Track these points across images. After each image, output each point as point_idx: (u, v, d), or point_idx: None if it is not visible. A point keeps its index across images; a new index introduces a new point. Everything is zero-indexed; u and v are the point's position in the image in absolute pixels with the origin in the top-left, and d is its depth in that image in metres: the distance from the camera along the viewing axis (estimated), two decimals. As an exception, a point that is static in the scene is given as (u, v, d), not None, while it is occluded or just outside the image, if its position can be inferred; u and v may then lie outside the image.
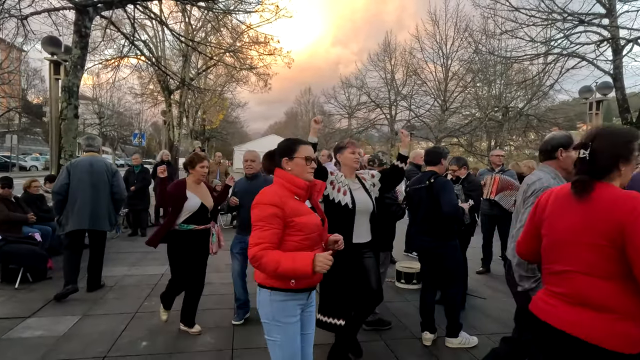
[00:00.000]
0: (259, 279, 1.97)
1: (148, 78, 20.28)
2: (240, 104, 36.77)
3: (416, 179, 3.64)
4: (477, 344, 3.44)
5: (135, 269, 5.61)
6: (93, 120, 37.52)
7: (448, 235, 3.40)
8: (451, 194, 3.31)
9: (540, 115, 21.74)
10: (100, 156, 5.03)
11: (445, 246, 3.40)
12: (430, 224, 3.40)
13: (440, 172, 3.50)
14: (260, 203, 1.92)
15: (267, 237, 1.85)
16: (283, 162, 2.05)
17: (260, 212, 1.90)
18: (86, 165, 4.63)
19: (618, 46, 11.27)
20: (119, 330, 3.61)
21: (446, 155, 3.51)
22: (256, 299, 2.02)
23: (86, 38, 8.14)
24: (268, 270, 1.82)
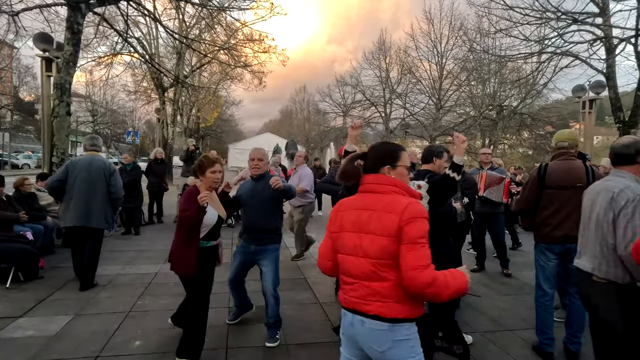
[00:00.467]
0: (402, 313, 1.65)
1: (141, 75, 20.19)
2: (234, 102, 36.74)
3: (411, 177, 3.63)
4: (472, 342, 3.44)
5: (128, 268, 5.56)
6: (86, 118, 37.22)
7: (442, 234, 3.38)
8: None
9: (534, 114, 21.86)
10: (101, 156, 5.13)
11: (440, 245, 3.37)
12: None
13: (435, 170, 3.46)
14: (421, 216, 1.67)
15: (430, 255, 1.63)
16: (384, 170, 1.81)
17: (423, 227, 1.65)
18: (85, 164, 4.76)
19: (611, 45, 11.33)
20: (112, 330, 3.58)
21: (440, 154, 3.46)
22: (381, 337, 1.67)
23: (78, 35, 8.05)
24: (443, 294, 1.57)
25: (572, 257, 3.26)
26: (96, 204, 4.70)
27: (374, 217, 1.71)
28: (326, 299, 4.59)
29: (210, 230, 3.11)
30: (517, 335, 3.72)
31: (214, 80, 25.87)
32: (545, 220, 3.24)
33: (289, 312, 4.15)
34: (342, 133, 32.54)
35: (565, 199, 3.16)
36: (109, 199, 4.85)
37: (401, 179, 1.81)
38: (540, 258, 3.34)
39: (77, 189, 4.64)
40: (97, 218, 4.71)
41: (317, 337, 3.56)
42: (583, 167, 3.21)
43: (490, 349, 3.43)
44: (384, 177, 1.79)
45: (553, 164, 3.28)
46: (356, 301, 1.74)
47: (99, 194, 4.74)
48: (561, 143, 3.34)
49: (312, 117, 43.25)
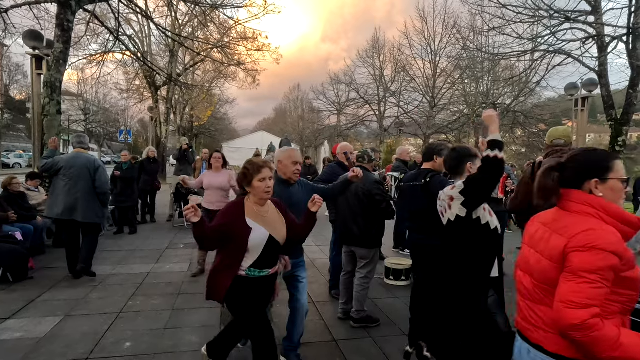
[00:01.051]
0: (567, 351, 1.40)
1: (134, 74, 20.01)
2: (228, 101, 36.57)
3: (412, 175, 3.56)
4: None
5: (120, 268, 5.50)
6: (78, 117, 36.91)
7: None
8: None
9: (527, 112, 21.95)
10: (86, 153, 5.24)
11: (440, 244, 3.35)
12: (425, 221, 3.32)
13: (436, 169, 3.41)
14: (599, 247, 1.32)
15: (599, 298, 1.31)
16: (590, 184, 1.47)
17: (597, 260, 1.31)
18: (69, 160, 4.95)
19: (603, 43, 11.39)
20: (102, 331, 3.53)
21: (441, 152, 3.36)
22: None
23: (69, 32, 7.95)
24: (598, 349, 1.28)
25: None
26: (81, 198, 4.85)
27: (545, 236, 1.51)
28: (320, 298, 4.56)
29: (262, 255, 2.41)
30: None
31: (208, 78, 25.72)
32: None
33: (282, 312, 4.12)
34: (337, 131, 32.52)
35: None
36: (95, 194, 4.97)
37: (612, 195, 1.45)
38: None
39: (61, 184, 4.84)
40: (83, 212, 4.85)
41: (310, 337, 3.53)
42: None
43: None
44: (578, 193, 1.48)
45: (546, 161, 3.27)
46: (524, 325, 1.57)
47: (83, 189, 4.88)
48: (557, 141, 3.33)
49: (307, 116, 43.13)
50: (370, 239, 3.73)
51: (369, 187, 3.65)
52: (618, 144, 11.25)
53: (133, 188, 8.08)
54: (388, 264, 5.20)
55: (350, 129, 32.32)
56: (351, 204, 3.75)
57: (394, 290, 4.90)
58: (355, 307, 3.76)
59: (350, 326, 3.76)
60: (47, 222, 6.20)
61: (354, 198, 3.72)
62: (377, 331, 3.68)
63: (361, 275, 3.77)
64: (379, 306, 4.32)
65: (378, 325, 3.78)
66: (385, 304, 4.40)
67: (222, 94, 31.30)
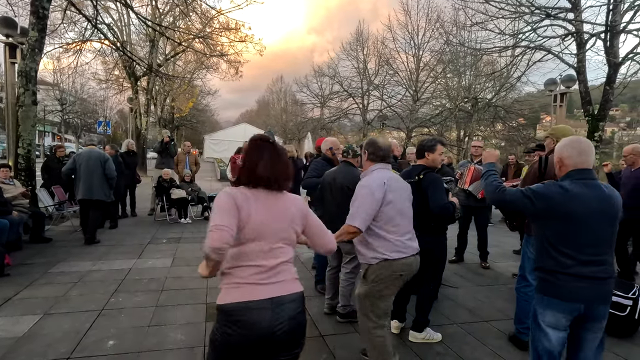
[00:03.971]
0: None
1: (113, 63, 19.47)
2: (210, 92, 36.10)
3: (406, 172, 3.55)
4: (440, 339, 3.46)
5: (101, 264, 5.37)
6: (54, 107, 35.82)
7: (437, 231, 3.38)
8: (440, 192, 3.21)
9: (508, 107, 22.29)
10: (97, 148, 7.14)
11: (433, 242, 3.37)
12: (419, 218, 3.34)
13: (429, 165, 3.41)
14: None
15: None
16: None
17: None
18: (86, 155, 6.68)
19: (582, 40, 11.61)
20: (84, 329, 3.45)
21: (432, 148, 3.35)
22: None
23: (44, 20, 7.67)
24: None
25: None
26: (96, 182, 6.56)
27: None
28: (306, 292, 4.48)
29: None
30: (493, 326, 3.79)
31: (189, 69, 25.27)
32: None
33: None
34: (320, 124, 32.43)
35: None
36: (105, 179, 6.69)
37: None
38: (530, 250, 3.33)
39: (82, 173, 6.52)
40: (97, 192, 6.58)
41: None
42: None
43: (468, 340, 3.49)
44: None
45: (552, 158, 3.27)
46: None
47: (96, 175, 6.58)
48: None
49: (290, 108, 42.87)
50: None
51: (354, 182, 3.64)
52: (595, 139, 11.53)
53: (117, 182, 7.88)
54: (373, 258, 5.23)
55: (333, 122, 32.28)
56: (337, 199, 3.74)
57: (379, 284, 4.94)
58: (341, 301, 3.77)
59: (337, 321, 3.77)
60: (24, 217, 6.02)
61: (339, 193, 3.71)
62: (363, 326, 3.71)
63: (347, 270, 3.78)
64: (365, 300, 4.35)
65: (364, 319, 3.81)
66: (370, 298, 4.43)
67: (204, 85, 30.89)
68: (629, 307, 3.57)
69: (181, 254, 6.00)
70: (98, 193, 6.57)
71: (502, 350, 3.32)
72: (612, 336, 3.58)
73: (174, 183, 8.86)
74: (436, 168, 3.51)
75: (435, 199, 3.17)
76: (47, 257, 5.54)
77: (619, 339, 3.59)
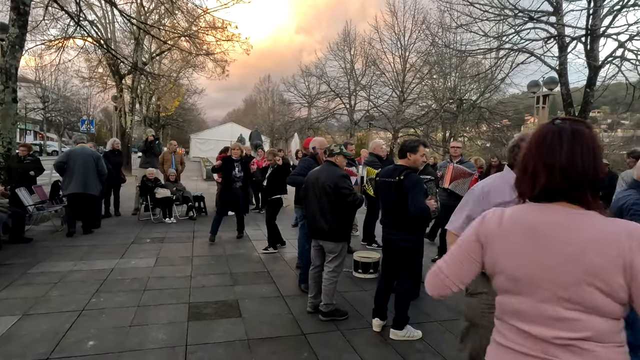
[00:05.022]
0: None
1: (96, 61, 19.17)
2: (197, 91, 35.79)
3: (387, 171, 3.60)
4: (420, 337, 3.51)
5: (82, 264, 5.31)
6: (36, 105, 35.15)
7: (415, 230, 3.42)
8: (420, 195, 3.26)
9: (492, 108, 22.62)
10: (87, 145, 7.41)
11: (412, 240, 3.42)
12: (398, 217, 3.39)
13: (410, 166, 3.46)
14: None
15: None
16: None
17: None
18: (79, 151, 6.96)
19: (563, 43, 11.86)
20: (64, 330, 3.41)
21: (414, 149, 3.40)
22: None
23: (25, 16, 7.57)
24: None
25: None
26: (89, 178, 6.87)
27: None
28: (289, 291, 4.58)
29: None
30: (473, 323, 3.86)
31: (175, 68, 25.05)
32: None
33: (251, 305, 4.12)
34: (307, 124, 32.45)
35: None
36: (97, 175, 7.03)
37: None
38: None
39: (76, 169, 6.77)
40: (91, 187, 6.91)
41: (279, 332, 3.55)
42: None
43: (447, 337, 3.55)
44: None
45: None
46: None
47: (89, 171, 6.89)
48: None
49: (277, 107, 42.77)
50: (338, 233, 3.76)
51: (335, 181, 3.68)
52: (575, 140, 11.77)
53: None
54: (357, 258, 5.27)
55: (320, 122, 32.35)
56: (319, 199, 3.77)
57: (362, 283, 4.98)
58: (324, 300, 3.80)
59: (319, 320, 3.80)
60: (3, 217, 5.91)
61: (321, 193, 3.74)
62: (346, 324, 3.74)
63: (329, 269, 3.81)
64: (348, 299, 4.38)
65: (346, 318, 3.84)
66: (353, 297, 4.47)
67: (190, 84, 30.66)
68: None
69: (165, 254, 5.96)
70: (92, 188, 6.92)
71: (481, 347, 3.38)
72: None
73: (159, 182, 8.78)
74: (417, 169, 3.56)
75: (415, 202, 3.23)
76: (27, 258, 5.45)
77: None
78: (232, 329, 3.57)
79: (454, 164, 5.67)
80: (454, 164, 5.67)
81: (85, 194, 6.83)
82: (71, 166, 6.79)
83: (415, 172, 3.43)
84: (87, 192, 6.84)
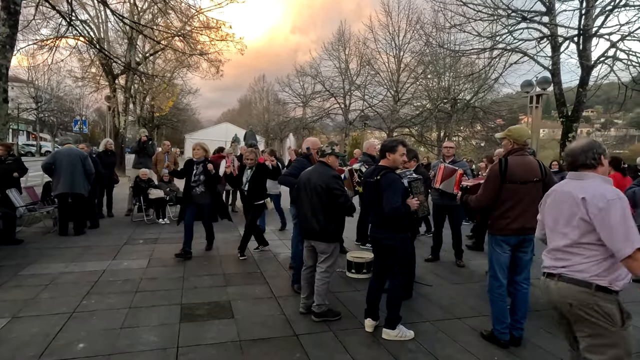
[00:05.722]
0: None
1: (89, 61, 19.04)
2: (191, 91, 35.63)
3: (369, 171, 3.66)
4: (413, 337, 3.49)
5: (73, 265, 5.27)
6: (29, 105, 34.90)
7: (398, 228, 3.43)
8: (394, 194, 3.28)
9: (486, 108, 22.72)
10: (74, 146, 7.31)
11: (395, 239, 3.43)
12: (380, 216, 3.42)
13: (390, 166, 3.49)
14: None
15: None
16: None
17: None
18: (66, 152, 6.97)
19: (556, 43, 11.95)
20: (54, 332, 3.38)
21: (393, 149, 3.44)
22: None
23: (16, 15, 7.51)
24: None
25: (524, 248, 3.43)
26: (77, 178, 6.89)
27: None
28: (282, 292, 4.56)
29: None
30: (465, 323, 3.86)
31: (169, 68, 24.93)
32: (504, 214, 3.31)
33: (244, 306, 4.11)
34: (302, 124, 32.43)
35: (523, 192, 3.28)
36: (85, 175, 7.02)
37: None
38: (496, 250, 3.41)
39: (63, 169, 6.80)
40: (78, 186, 6.91)
41: (271, 332, 3.54)
42: (536, 162, 3.38)
43: (439, 337, 3.55)
44: None
45: (512, 159, 3.34)
46: None
47: (77, 171, 6.89)
48: (528, 140, 3.49)
49: (272, 107, 42.74)
50: (330, 233, 3.76)
51: (327, 181, 3.68)
52: (568, 139, 11.87)
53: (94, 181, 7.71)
54: (350, 258, 5.27)
55: (315, 122, 32.34)
56: (311, 199, 3.76)
57: (355, 283, 4.98)
58: (317, 301, 3.79)
59: (312, 320, 3.79)
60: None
61: (313, 193, 3.74)
62: (338, 324, 3.73)
63: (322, 269, 3.80)
64: (341, 299, 4.38)
65: (339, 318, 3.83)
66: (346, 297, 4.46)
67: (185, 84, 30.50)
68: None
69: (158, 255, 5.93)
70: (79, 187, 6.92)
71: (472, 346, 3.39)
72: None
73: (152, 183, 8.74)
74: (397, 168, 3.60)
75: (388, 202, 3.27)
76: (18, 259, 5.40)
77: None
78: (224, 330, 3.56)
79: (445, 164, 5.68)
80: (445, 164, 5.68)
81: (73, 193, 6.85)
82: (58, 167, 6.83)
83: (393, 172, 3.46)
84: (75, 192, 6.85)
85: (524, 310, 3.45)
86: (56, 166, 6.86)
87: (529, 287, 3.53)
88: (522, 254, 3.45)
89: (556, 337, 3.57)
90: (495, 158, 5.65)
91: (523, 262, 3.48)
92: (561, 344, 3.49)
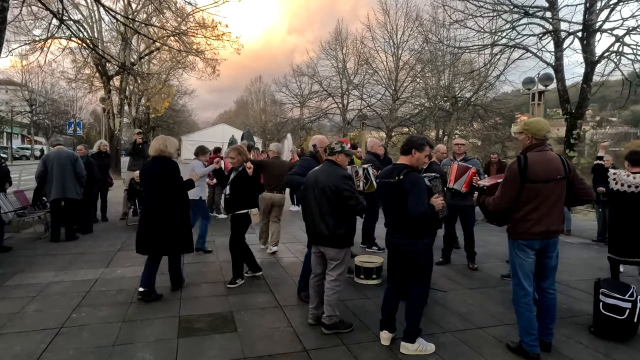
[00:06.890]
0: None
1: (82, 62, 18.66)
2: (187, 92, 35.29)
3: (387, 171, 3.32)
4: (433, 351, 3.20)
5: (64, 274, 4.94)
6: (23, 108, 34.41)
7: (420, 233, 3.12)
8: (419, 196, 2.97)
9: (486, 105, 22.48)
10: (65, 148, 7.02)
11: (416, 244, 3.12)
12: (399, 220, 3.11)
13: (413, 164, 3.19)
14: None
15: None
16: None
17: None
18: (56, 155, 6.67)
19: (559, 39, 11.70)
20: (39, 351, 3.06)
21: (421, 147, 3.14)
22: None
23: (4, 12, 7.15)
24: None
25: (550, 252, 3.12)
26: (68, 181, 6.63)
27: None
28: (288, 301, 4.26)
29: None
30: (488, 333, 3.57)
31: (165, 68, 24.58)
32: (526, 216, 3.01)
33: (246, 318, 3.80)
34: (299, 124, 32.14)
35: (546, 192, 2.98)
36: (76, 178, 6.74)
37: None
38: (519, 255, 3.11)
39: (54, 174, 6.56)
40: (70, 191, 6.65)
41: (278, 348, 3.23)
42: (559, 158, 3.05)
43: (463, 350, 3.26)
44: None
45: (532, 156, 3.03)
46: None
47: (68, 174, 6.63)
48: (549, 134, 3.17)
49: (269, 108, 42.40)
50: (340, 238, 3.44)
51: (336, 182, 3.37)
52: (573, 136, 11.63)
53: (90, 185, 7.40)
54: (358, 262, 4.97)
55: (313, 122, 32.05)
56: (319, 201, 3.46)
57: (365, 289, 4.68)
58: (327, 312, 3.48)
59: (322, 333, 3.48)
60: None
61: (321, 194, 3.43)
62: (351, 337, 3.43)
63: (332, 277, 3.49)
64: (350, 308, 4.08)
65: (351, 330, 3.53)
66: (356, 305, 4.17)
67: (181, 84, 30.17)
68: (628, 310, 3.41)
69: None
70: (70, 191, 6.67)
71: (499, 360, 3.10)
72: (610, 340, 3.43)
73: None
74: (418, 168, 3.28)
75: (414, 204, 2.94)
76: (4, 268, 5.07)
77: (617, 342, 3.42)
78: (226, 345, 3.25)
79: (458, 162, 5.40)
80: (458, 162, 5.40)
81: (65, 198, 6.63)
82: (49, 172, 6.61)
83: (416, 171, 3.15)
84: (67, 196, 6.62)
85: (552, 314, 3.19)
86: (47, 171, 6.62)
87: (556, 292, 3.25)
88: (548, 259, 3.15)
89: (587, 347, 3.30)
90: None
91: (549, 269, 3.19)
92: (592, 353, 3.24)
